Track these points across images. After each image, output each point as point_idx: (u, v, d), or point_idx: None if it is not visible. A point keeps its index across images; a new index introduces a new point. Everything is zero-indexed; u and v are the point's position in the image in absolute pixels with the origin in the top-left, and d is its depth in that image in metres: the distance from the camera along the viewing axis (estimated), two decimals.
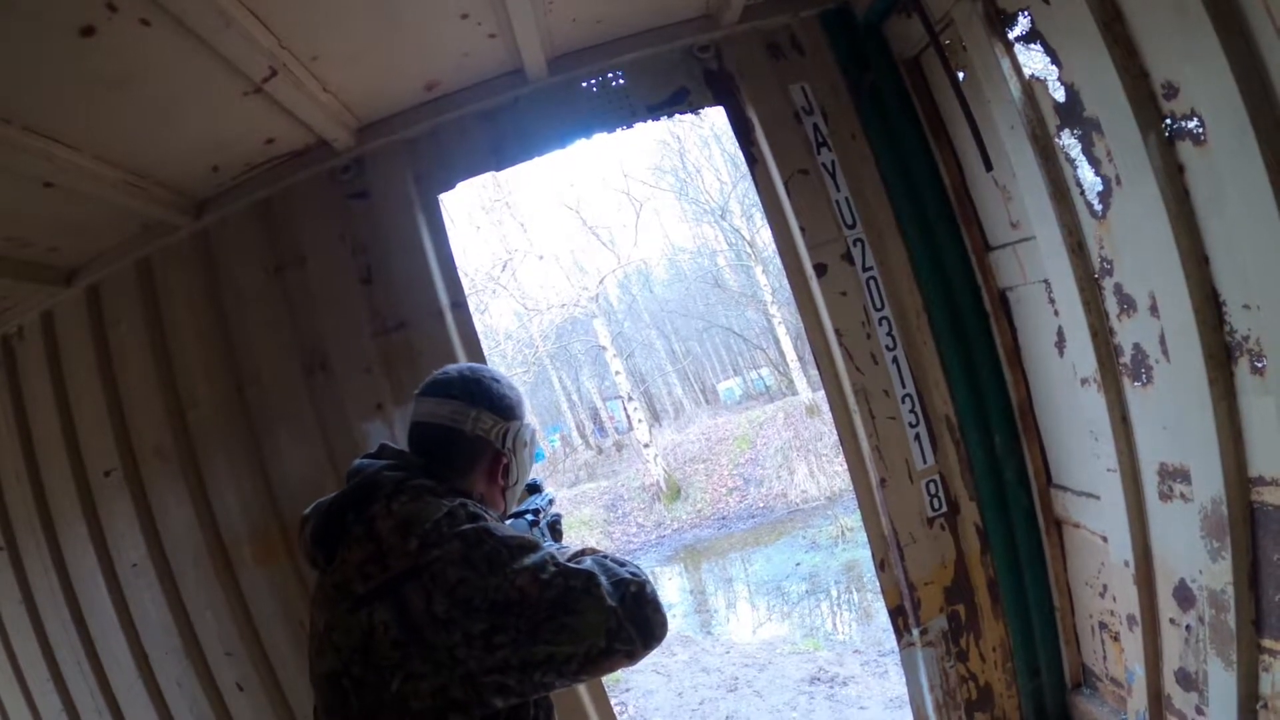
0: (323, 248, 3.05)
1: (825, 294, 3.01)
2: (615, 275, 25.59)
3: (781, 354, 27.24)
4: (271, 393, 3.04)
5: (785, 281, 18.59)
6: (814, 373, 22.80)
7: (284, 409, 3.03)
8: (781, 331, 22.65)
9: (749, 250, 22.45)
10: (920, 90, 3.03)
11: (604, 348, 21.72)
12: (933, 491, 3.06)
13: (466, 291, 3.15)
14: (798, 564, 13.87)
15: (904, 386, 3.05)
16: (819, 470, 17.95)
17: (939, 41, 2.70)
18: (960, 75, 2.71)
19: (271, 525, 3.04)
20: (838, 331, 3.00)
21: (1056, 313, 2.64)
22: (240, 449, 3.06)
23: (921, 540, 3.04)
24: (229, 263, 3.11)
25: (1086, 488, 2.81)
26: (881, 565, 3.13)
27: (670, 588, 15.15)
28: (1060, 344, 2.70)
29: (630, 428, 22.71)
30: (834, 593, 12.33)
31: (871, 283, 3.03)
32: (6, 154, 2.25)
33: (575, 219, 23.07)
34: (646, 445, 20.35)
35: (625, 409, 22.17)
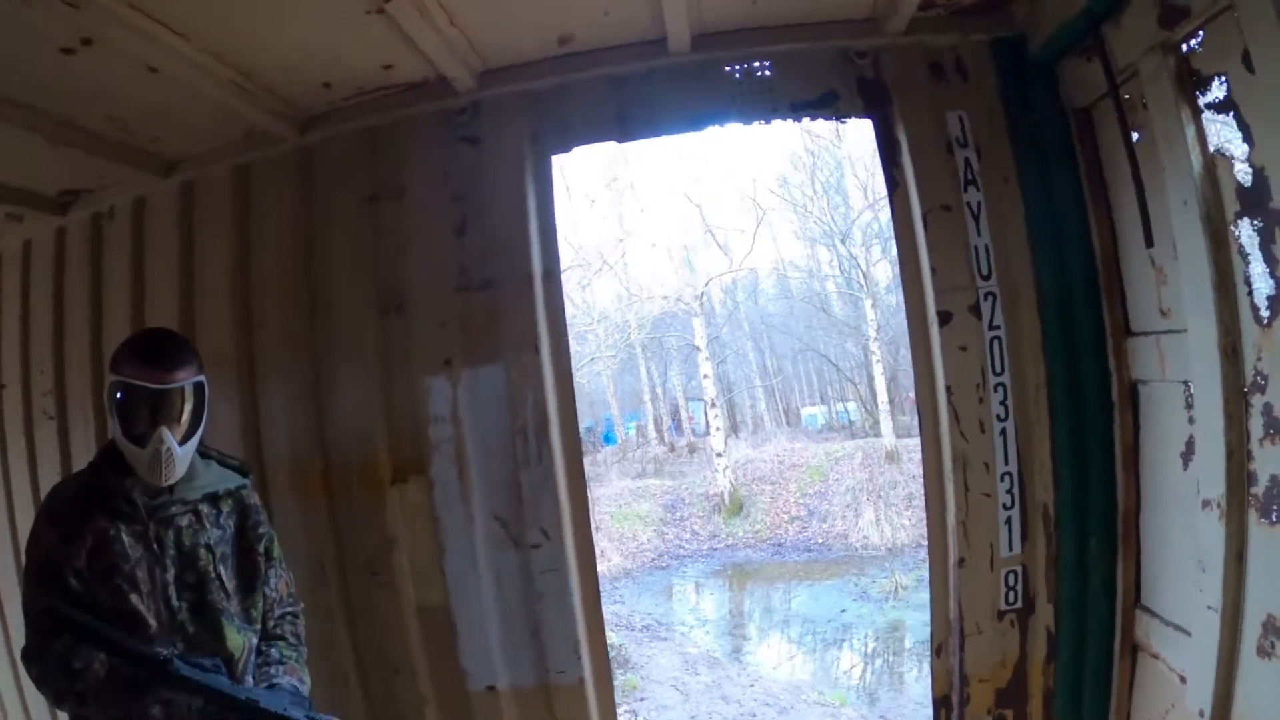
0: (423, 186, 2.93)
1: (944, 345, 2.80)
2: (723, 279, 25.28)
3: (873, 392, 26.62)
4: (341, 327, 2.95)
5: (894, 320, 18.37)
6: (903, 418, 22.52)
7: (350, 346, 2.94)
8: (878, 370, 21.95)
9: (861, 281, 21.82)
10: (1086, 143, 2.78)
11: (698, 348, 21.50)
12: (1011, 583, 2.83)
13: (570, 263, 3.05)
14: (843, 610, 13.45)
15: (1006, 463, 2.81)
16: (885, 519, 17.42)
17: (1118, 93, 2.45)
18: (1135, 135, 2.45)
19: (315, 460, 2.98)
20: (949, 389, 2.79)
21: (1191, 420, 2.40)
22: (299, 376, 2.99)
23: (988, 633, 2.82)
24: (326, 184, 3.02)
25: (1177, 619, 2.56)
26: (938, 650, 2.92)
27: (710, 602, 14.87)
28: (1187, 456, 2.46)
29: (707, 433, 22.51)
30: (872, 649, 11.89)
31: (995, 343, 2.80)
32: (108, 27, 2.18)
33: (694, 214, 22.81)
34: (719, 455, 20.06)
35: (706, 413, 21.95)
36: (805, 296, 30.61)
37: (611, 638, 11.48)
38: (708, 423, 21.61)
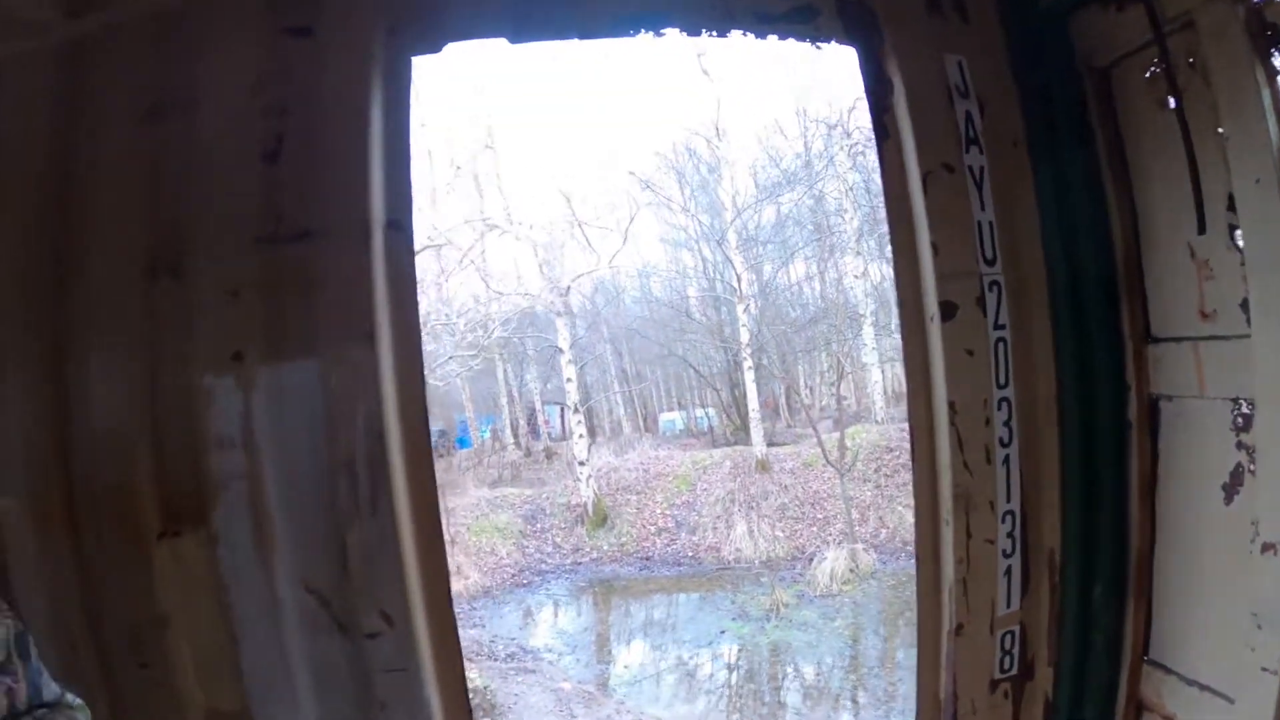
0: (225, 93, 2.08)
1: (947, 348, 2.32)
2: (586, 279, 25.07)
3: (736, 399, 27.11)
4: (96, 293, 2.06)
5: (767, 326, 18.75)
6: (772, 425, 23.00)
7: (107, 324, 2.05)
8: (749, 376, 21.96)
9: (735, 284, 21.95)
10: (1104, 109, 2.42)
11: (561, 350, 21.01)
12: (1007, 646, 2.46)
13: (425, 243, 2.20)
14: (723, 631, 13.34)
15: (1008, 500, 2.39)
16: (759, 531, 17.66)
17: (1166, 47, 2.12)
18: (1171, 101, 2.17)
19: (55, 485, 2.07)
20: (951, 406, 2.31)
21: (1241, 445, 2.13)
22: (36, 362, 2.08)
23: (982, 711, 2.48)
24: (96, 92, 2.13)
25: (1208, 679, 2.27)
26: None
27: (577, 624, 14.55)
28: (1233, 488, 2.17)
29: (565, 437, 22.39)
30: (760, 676, 11.66)
31: (1000, 347, 2.36)
32: None
33: (562, 206, 22.29)
34: (582, 463, 19.73)
35: (565, 417, 21.80)
36: (668, 300, 31.20)
37: (473, 674, 10.96)
38: (567, 428, 21.54)
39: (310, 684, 2.03)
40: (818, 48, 2.42)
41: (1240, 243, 2.07)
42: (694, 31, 2.33)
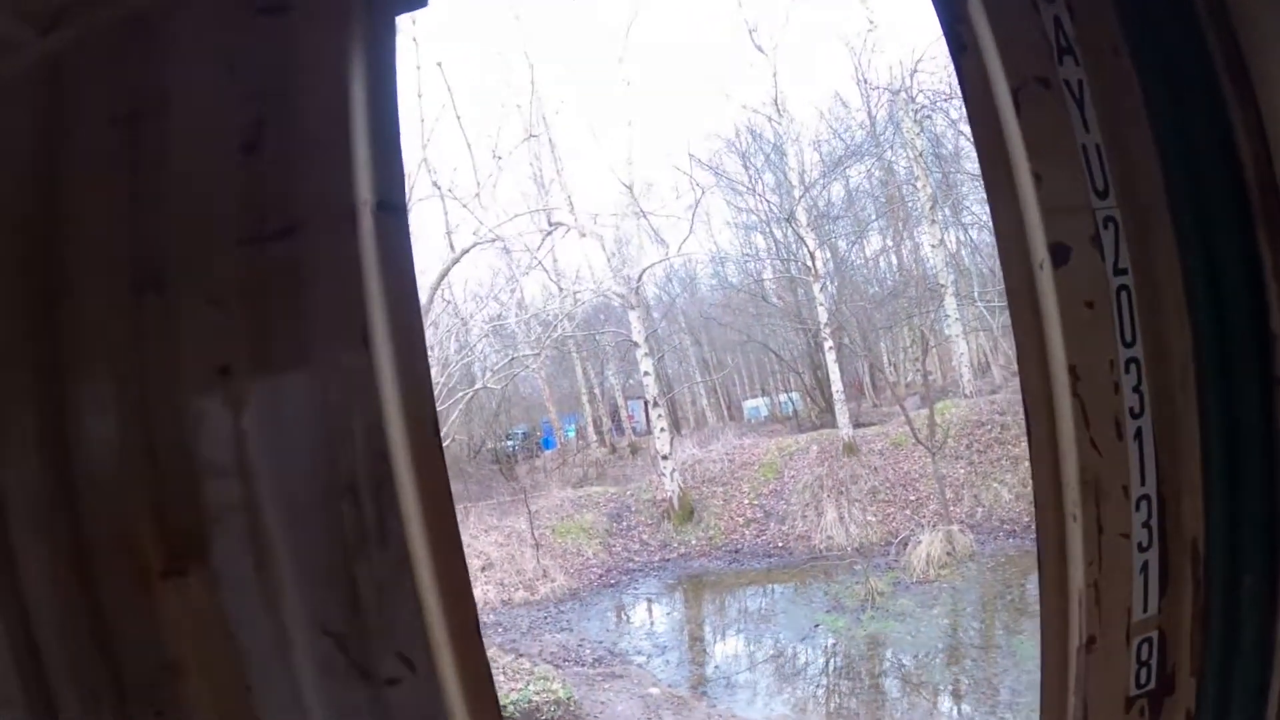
0: (198, 87, 1.85)
1: (1061, 299, 1.89)
2: (657, 269, 24.84)
3: (818, 381, 26.51)
4: (87, 317, 1.86)
5: (845, 305, 18.33)
6: (857, 406, 22.38)
7: (97, 350, 1.84)
8: (830, 357, 21.36)
9: (809, 263, 21.34)
10: (1212, 5, 1.97)
11: (636, 344, 20.70)
12: (1144, 657, 2.02)
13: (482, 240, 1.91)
14: (817, 624, 12.87)
15: (1143, 484, 1.95)
16: (849, 517, 17.12)
17: None
18: None
19: (61, 529, 1.87)
20: (1072, 371, 1.89)
21: None
22: (36, 397, 1.89)
23: None
24: (74, 105, 1.95)
25: None
26: None
27: (666, 623, 14.25)
28: None
29: (648, 432, 22.19)
30: (859, 672, 11.18)
31: (1123, 296, 1.92)
32: None
33: (625, 196, 22.03)
34: (665, 457, 19.46)
35: (648, 411, 21.58)
36: (743, 285, 30.80)
37: (557, 685, 10.84)
38: (649, 422, 21.29)
39: None
40: None
41: None
42: None
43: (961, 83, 2.04)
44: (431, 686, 1.75)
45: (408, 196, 1.81)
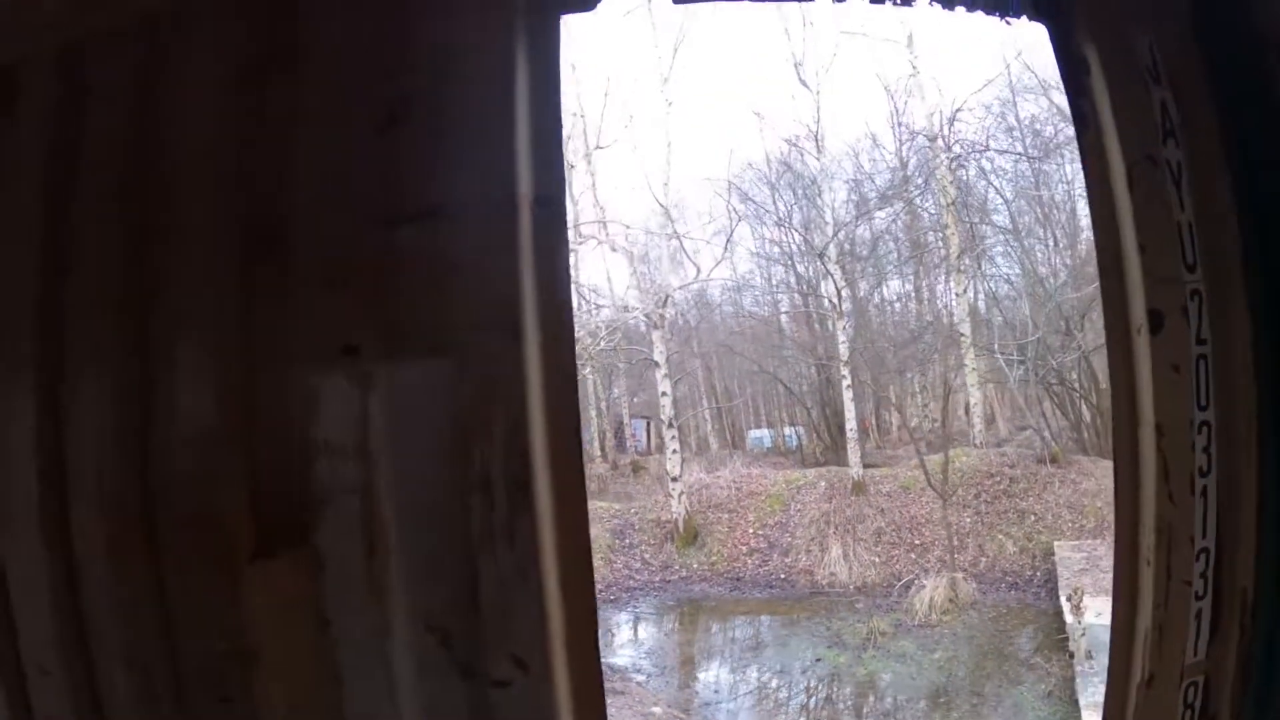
0: (334, 48, 1.80)
1: (1155, 363, 2.04)
2: (683, 292, 24.86)
3: (827, 417, 26.45)
4: (185, 278, 1.79)
5: (862, 345, 18.24)
6: (862, 446, 22.31)
7: (197, 315, 1.78)
8: (847, 395, 21.33)
9: (834, 300, 21.37)
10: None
11: (656, 364, 20.67)
12: (1190, 699, 2.12)
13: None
14: (818, 659, 12.78)
15: (1204, 536, 2.08)
16: (854, 555, 17.04)
17: None
18: None
19: (132, 506, 1.79)
20: (1158, 429, 2.03)
21: None
22: (118, 361, 1.84)
23: None
24: (184, 51, 1.88)
25: None
26: None
27: (667, 644, 14.13)
28: None
29: (650, 452, 22.07)
30: (857, 710, 11.14)
31: (1202, 364, 2.07)
32: None
33: (659, 215, 22.07)
34: (675, 479, 19.37)
35: (656, 431, 21.49)
36: (761, 316, 30.74)
37: None
38: (651, 442, 21.16)
39: None
40: (1007, 23, 2.14)
41: None
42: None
43: (1082, 155, 2.16)
44: (544, 689, 1.74)
45: (565, 192, 1.82)
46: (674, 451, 20.11)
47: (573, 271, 22.39)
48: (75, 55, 1.94)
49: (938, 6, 2.15)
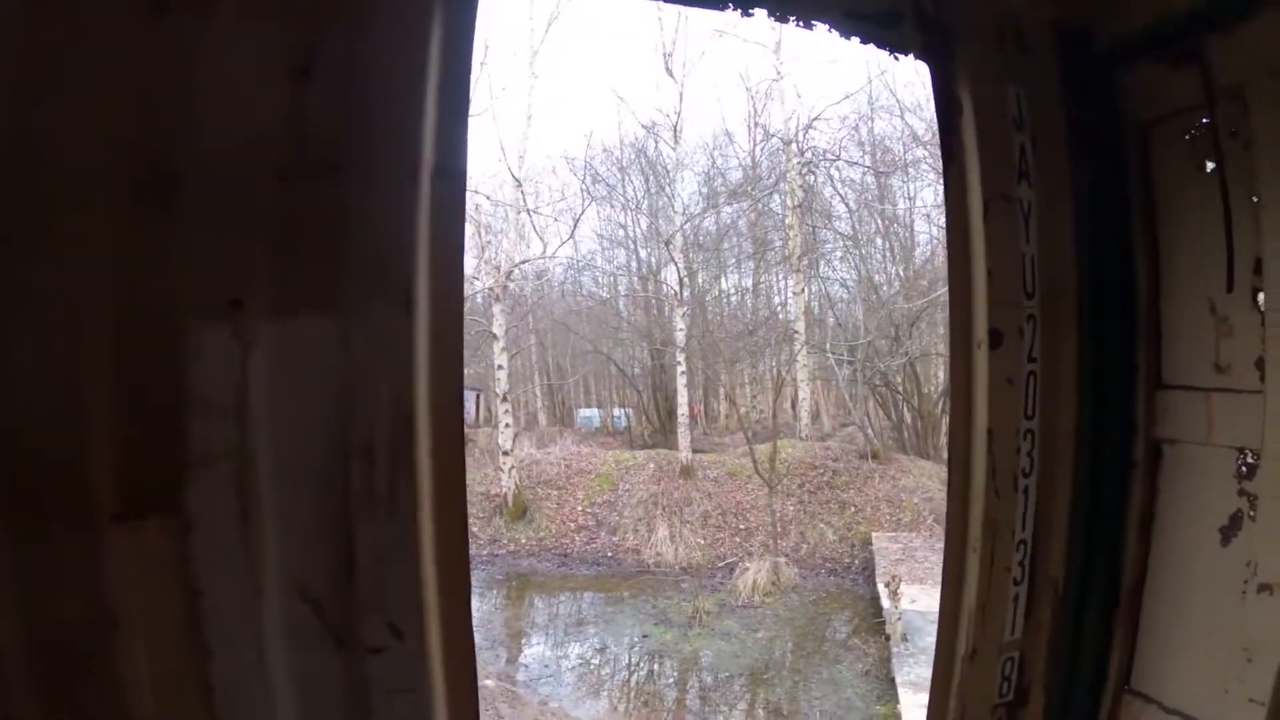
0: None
1: (992, 374, 2.34)
2: (525, 268, 24.61)
3: (657, 401, 27.03)
4: (66, 211, 1.60)
5: (699, 334, 18.73)
6: (690, 433, 22.95)
7: (76, 259, 1.61)
8: (681, 381, 21.93)
9: (677, 288, 21.81)
10: (1140, 164, 2.47)
11: (496, 336, 20.49)
12: (1008, 672, 2.46)
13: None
14: (645, 635, 13.06)
15: (1023, 529, 2.42)
16: (680, 537, 17.56)
17: (1215, 114, 2.20)
18: (1209, 165, 2.25)
19: None
20: (990, 433, 2.34)
21: (1243, 492, 2.22)
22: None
23: None
24: None
25: (1189, 709, 2.34)
26: None
27: (497, 619, 14.03)
28: (1231, 531, 2.26)
29: (478, 424, 21.85)
30: (684, 685, 11.48)
31: (1031, 379, 2.40)
32: None
33: (511, 189, 21.75)
34: (506, 453, 19.25)
35: (486, 404, 21.23)
36: (599, 297, 30.91)
37: None
38: (483, 415, 20.95)
39: (295, 706, 1.71)
40: (896, 58, 2.32)
41: (1263, 305, 2.12)
42: (783, 18, 2.21)
43: (946, 187, 2.37)
44: (417, 657, 1.73)
45: (467, 165, 1.77)
46: (506, 425, 20.06)
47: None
48: None
49: (835, 34, 2.27)
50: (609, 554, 17.66)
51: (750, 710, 11.13)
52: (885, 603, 13.49)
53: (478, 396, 28.33)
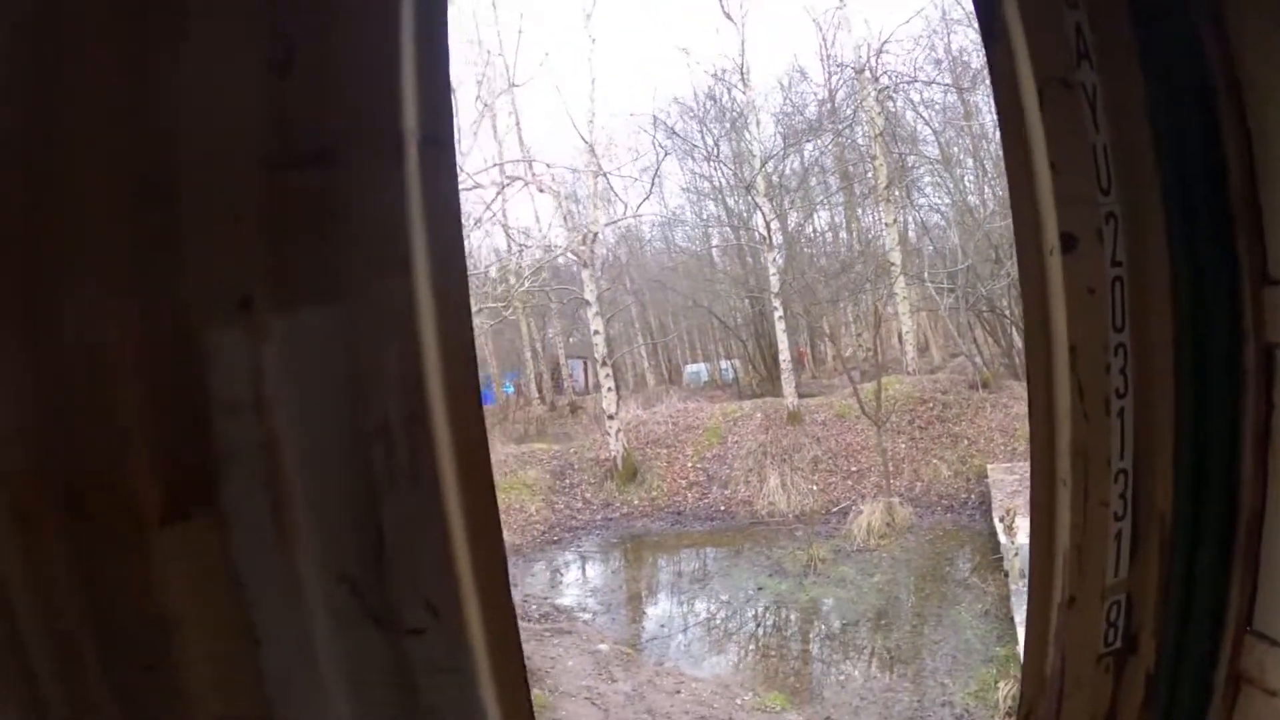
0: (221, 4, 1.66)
1: (1068, 285, 2.06)
2: (611, 229, 24.71)
3: (762, 349, 26.78)
4: (77, 229, 1.62)
5: (794, 277, 18.45)
6: (798, 377, 22.66)
7: (93, 270, 1.63)
8: (780, 326, 21.51)
9: (764, 232, 21.42)
10: (1215, 32, 2.13)
11: (588, 303, 20.63)
12: (1113, 618, 2.23)
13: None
14: (760, 587, 13.07)
15: (1122, 458, 2.13)
16: (792, 485, 17.41)
17: None
18: None
19: (35, 470, 1.62)
20: (1072, 351, 2.07)
21: None
22: (12, 318, 1.63)
23: (1087, 686, 2.23)
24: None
25: None
26: (1026, 716, 2.28)
27: (611, 582, 14.30)
28: None
29: (588, 391, 22.19)
30: (802, 635, 11.46)
31: (1118, 286, 2.11)
32: None
33: (585, 154, 21.74)
34: (611, 417, 19.47)
35: (591, 371, 21.57)
36: (693, 251, 30.91)
37: None
38: (589, 382, 21.28)
39: (344, 688, 1.74)
40: None
41: None
42: None
43: (991, 70, 2.12)
44: (458, 635, 1.74)
45: (454, 128, 1.73)
46: (609, 390, 20.12)
47: (503, 213, 22.13)
48: None
49: None
50: (721, 508, 17.57)
51: (870, 658, 10.99)
52: (1002, 538, 13.08)
53: (585, 364, 28.79)
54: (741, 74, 22.10)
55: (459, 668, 1.73)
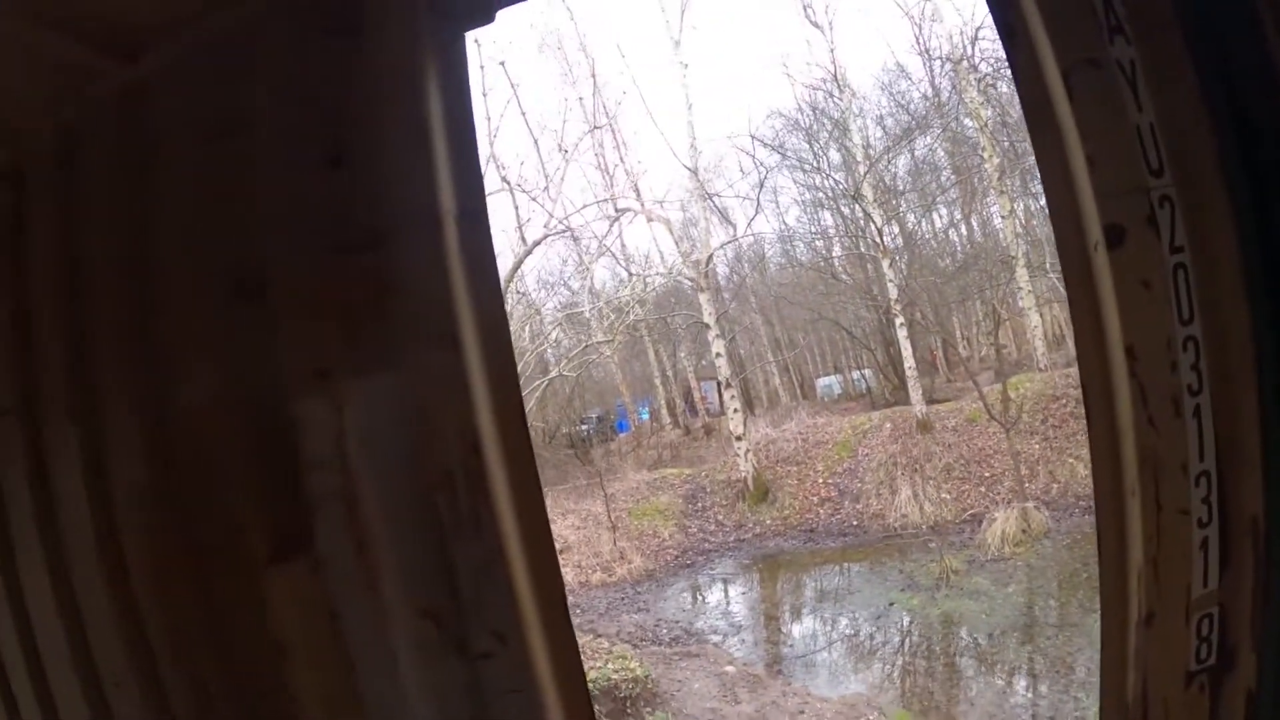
0: (281, 108, 1.97)
1: (1116, 280, 1.88)
2: (726, 249, 24.77)
3: (890, 357, 26.09)
4: (183, 324, 1.98)
5: (915, 280, 17.98)
6: (930, 382, 21.95)
7: (199, 352, 1.97)
8: (901, 333, 20.98)
9: (876, 239, 20.98)
10: None
11: (707, 326, 20.69)
12: (1204, 632, 1.99)
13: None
14: (891, 603, 12.70)
15: (1202, 460, 1.92)
16: (924, 494, 16.83)
17: None
18: None
19: (169, 525, 1.98)
20: (1129, 352, 1.90)
21: None
22: (142, 402, 2.02)
23: (1175, 710, 2.00)
24: (161, 127, 2.06)
25: None
26: None
27: (742, 603, 14.21)
28: None
29: (723, 413, 22.21)
30: (932, 651, 11.05)
31: (1180, 273, 1.88)
32: None
33: (689, 179, 21.96)
34: (739, 438, 19.42)
35: (720, 393, 21.60)
36: (812, 263, 30.49)
37: (635, 664, 11.05)
38: (722, 403, 21.27)
39: (431, 710, 1.92)
40: None
41: None
42: None
43: (1013, 70, 2.03)
44: (523, 660, 1.86)
45: (486, 202, 1.91)
46: (735, 411, 20.12)
47: (620, 245, 22.55)
48: (68, 133, 2.13)
49: None
50: (854, 523, 17.20)
51: (1004, 672, 10.43)
52: None
53: (718, 385, 28.88)
54: (836, 80, 21.88)
55: (525, 688, 1.85)
